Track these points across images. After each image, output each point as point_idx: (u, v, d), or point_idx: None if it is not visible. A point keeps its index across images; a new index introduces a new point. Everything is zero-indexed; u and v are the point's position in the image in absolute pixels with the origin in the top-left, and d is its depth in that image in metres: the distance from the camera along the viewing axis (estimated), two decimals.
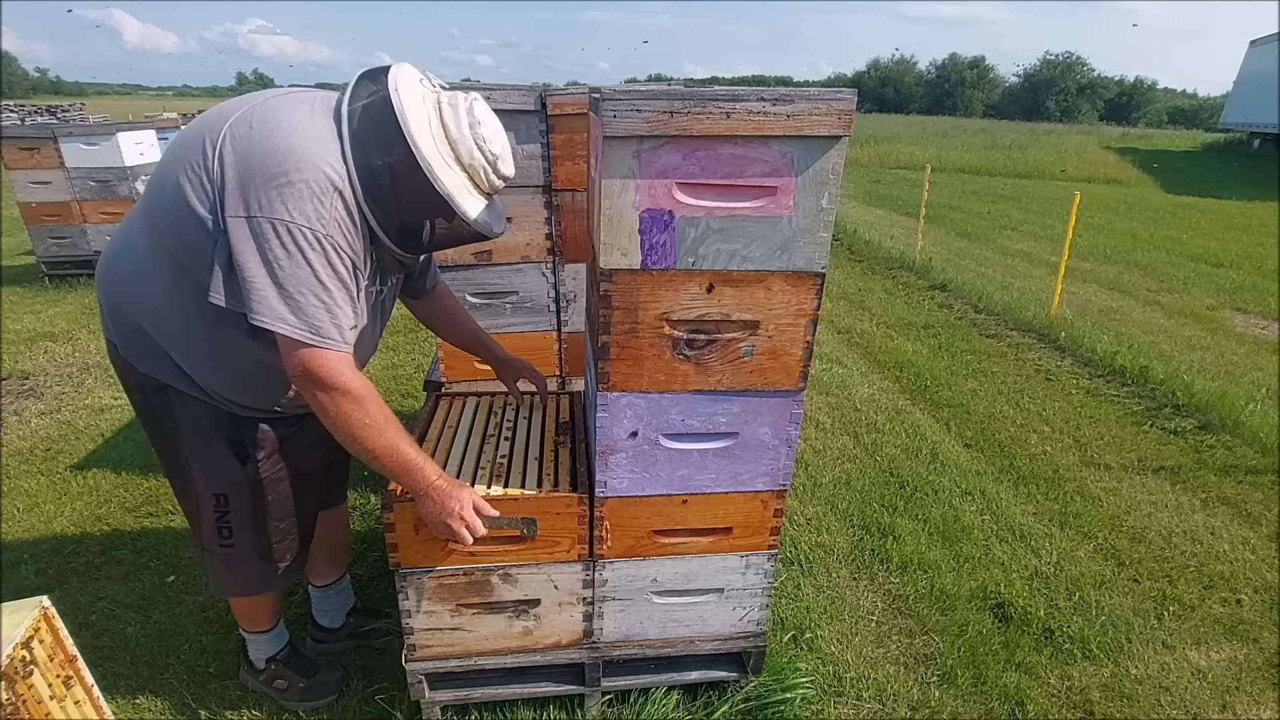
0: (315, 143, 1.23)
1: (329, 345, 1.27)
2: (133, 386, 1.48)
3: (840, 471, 3.12)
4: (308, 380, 1.28)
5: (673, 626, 1.73)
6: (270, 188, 1.19)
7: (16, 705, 1.15)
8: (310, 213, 1.20)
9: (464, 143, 1.29)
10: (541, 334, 2.31)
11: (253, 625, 1.80)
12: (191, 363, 1.40)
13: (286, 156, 1.20)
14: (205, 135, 1.26)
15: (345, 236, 1.25)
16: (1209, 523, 2.84)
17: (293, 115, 1.26)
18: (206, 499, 1.52)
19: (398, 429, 1.36)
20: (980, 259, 7.54)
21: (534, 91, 1.99)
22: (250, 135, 1.23)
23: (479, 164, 1.32)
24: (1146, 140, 26.29)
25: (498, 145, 1.33)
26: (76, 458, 3.10)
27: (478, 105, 1.32)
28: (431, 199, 1.28)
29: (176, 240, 1.29)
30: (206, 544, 1.58)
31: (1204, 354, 4.84)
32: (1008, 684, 2.01)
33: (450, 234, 1.38)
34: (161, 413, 1.47)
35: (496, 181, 1.37)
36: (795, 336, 1.42)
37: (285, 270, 1.21)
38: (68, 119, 9.34)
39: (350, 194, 1.25)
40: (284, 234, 1.20)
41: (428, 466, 1.39)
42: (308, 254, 1.21)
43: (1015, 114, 53.06)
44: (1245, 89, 22.86)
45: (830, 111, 1.23)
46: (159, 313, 1.37)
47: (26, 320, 4.89)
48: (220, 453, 1.49)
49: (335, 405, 1.29)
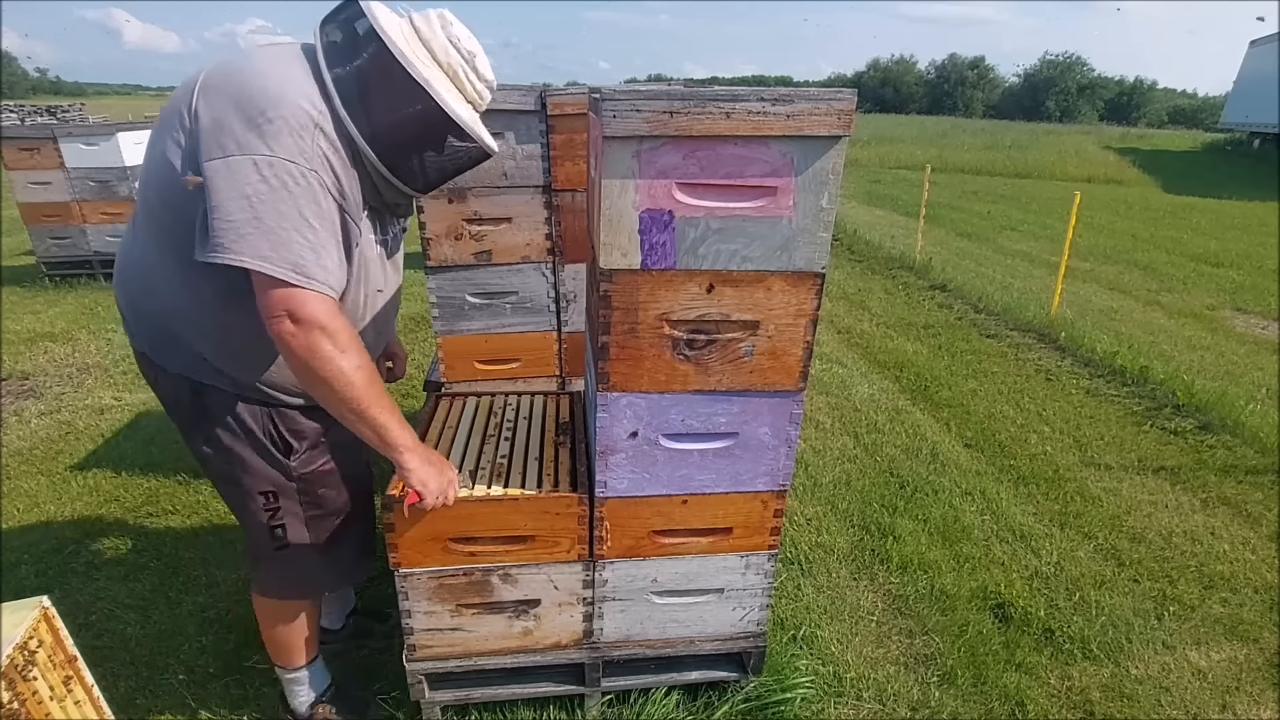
0: (291, 84, 1.19)
1: (312, 285, 1.18)
2: (169, 397, 1.43)
3: (840, 471, 3.12)
4: (286, 323, 1.17)
5: (673, 626, 1.73)
6: (248, 128, 1.14)
7: (16, 705, 1.15)
8: (291, 147, 1.15)
9: (436, 40, 1.27)
10: (541, 334, 2.31)
11: (294, 657, 1.68)
12: (217, 352, 1.35)
13: (262, 96, 1.16)
14: (180, 103, 1.22)
15: (331, 173, 1.20)
16: (1209, 523, 2.84)
17: (267, 60, 1.23)
18: (256, 500, 1.47)
19: (381, 389, 1.31)
20: (980, 259, 7.54)
21: (534, 91, 1.99)
22: (223, 85, 1.19)
23: (456, 63, 1.28)
24: (1147, 140, 26.27)
25: (472, 44, 1.30)
26: (76, 458, 3.10)
27: (447, 13, 1.30)
28: (415, 100, 1.23)
29: (171, 215, 1.24)
30: (260, 551, 1.52)
31: (1204, 354, 4.84)
32: (1008, 684, 2.01)
33: (448, 155, 1.32)
34: (200, 418, 1.41)
35: (479, 85, 1.33)
36: (795, 336, 1.42)
37: (265, 203, 1.13)
38: (68, 119, 9.33)
39: (333, 129, 1.20)
40: (265, 168, 1.13)
41: (408, 429, 1.38)
42: (290, 187, 1.15)
43: (1015, 114, 53.04)
44: (1245, 89, 22.85)
45: (830, 111, 1.23)
46: (173, 301, 1.32)
47: (26, 320, 4.89)
48: (262, 448, 1.44)
49: (317, 349, 1.19)
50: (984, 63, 67.30)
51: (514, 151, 2.04)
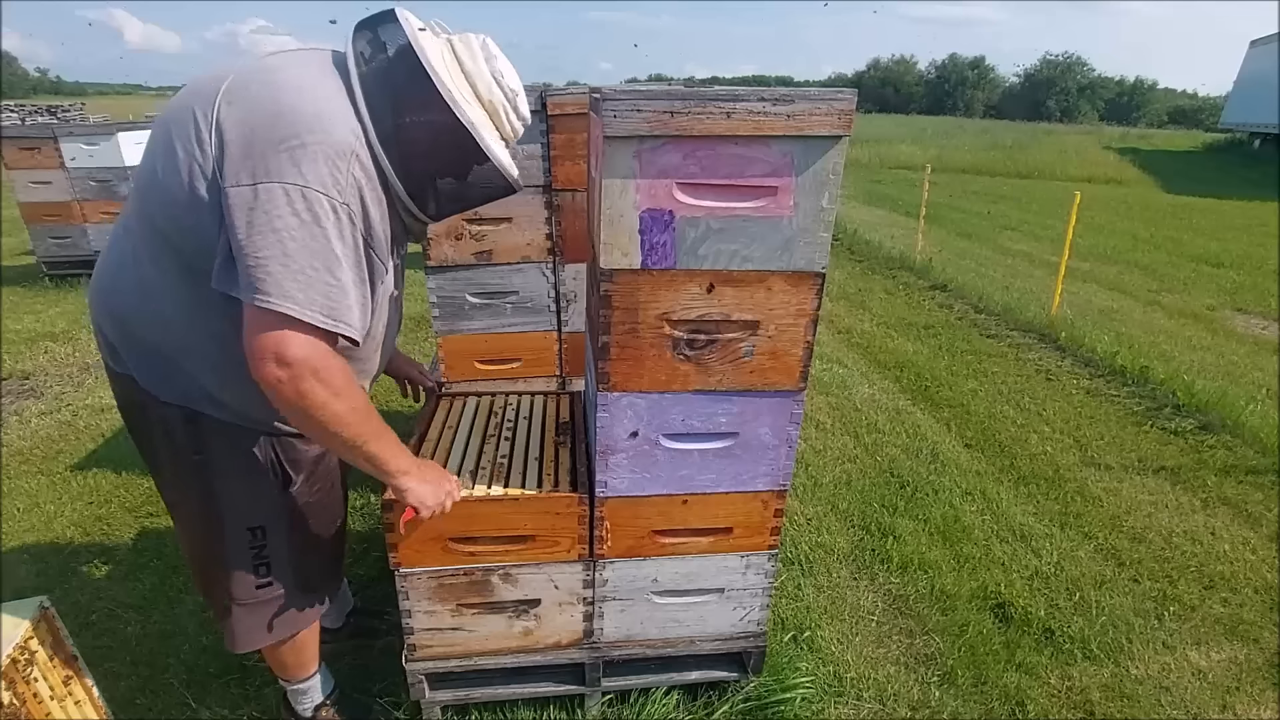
0: (327, 102, 1.10)
1: (341, 329, 1.11)
2: (153, 422, 1.31)
3: (841, 471, 3.12)
4: (272, 367, 1.07)
5: (673, 626, 1.73)
6: (279, 151, 1.05)
7: (17, 705, 1.15)
8: (326, 177, 1.06)
9: (481, 77, 1.20)
10: (541, 334, 2.31)
11: (300, 671, 1.63)
12: (224, 383, 1.25)
13: (297, 118, 1.06)
14: (195, 106, 1.11)
15: (360, 205, 1.12)
16: (1209, 523, 2.84)
17: (299, 74, 1.13)
18: (239, 538, 1.37)
19: (376, 422, 1.26)
20: (980, 259, 7.54)
21: (534, 92, 1.99)
22: (251, 97, 1.09)
23: (499, 101, 1.22)
24: (1147, 140, 26.28)
25: (515, 81, 1.24)
26: (76, 458, 3.10)
27: (490, 42, 1.23)
28: (455, 139, 1.16)
29: (182, 238, 1.15)
30: (236, 594, 1.41)
31: (1204, 354, 4.84)
32: (1008, 684, 2.01)
33: (474, 187, 1.25)
34: (187, 447, 1.30)
35: (516, 123, 1.28)
36: (795, 336, 1.42)
37: (297, 240, 1.04)
38: (68, 119, 9.34)
39: (368, 154, 1.12)
40: (297, 199, 1.04)
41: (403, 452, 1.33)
42: (324, 222, 1.06)
43: (1016, 114, 53.09)
44: (1245, 89, 22.84)
45: (830, 111, 1.23)
46: (180, 332, 1.22)
47: (27, 320, 4.89)
48: (259, 480, 1.35)
49: (309, 395, 1.11)
50: (984, 63, 67.46)
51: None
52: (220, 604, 1.44)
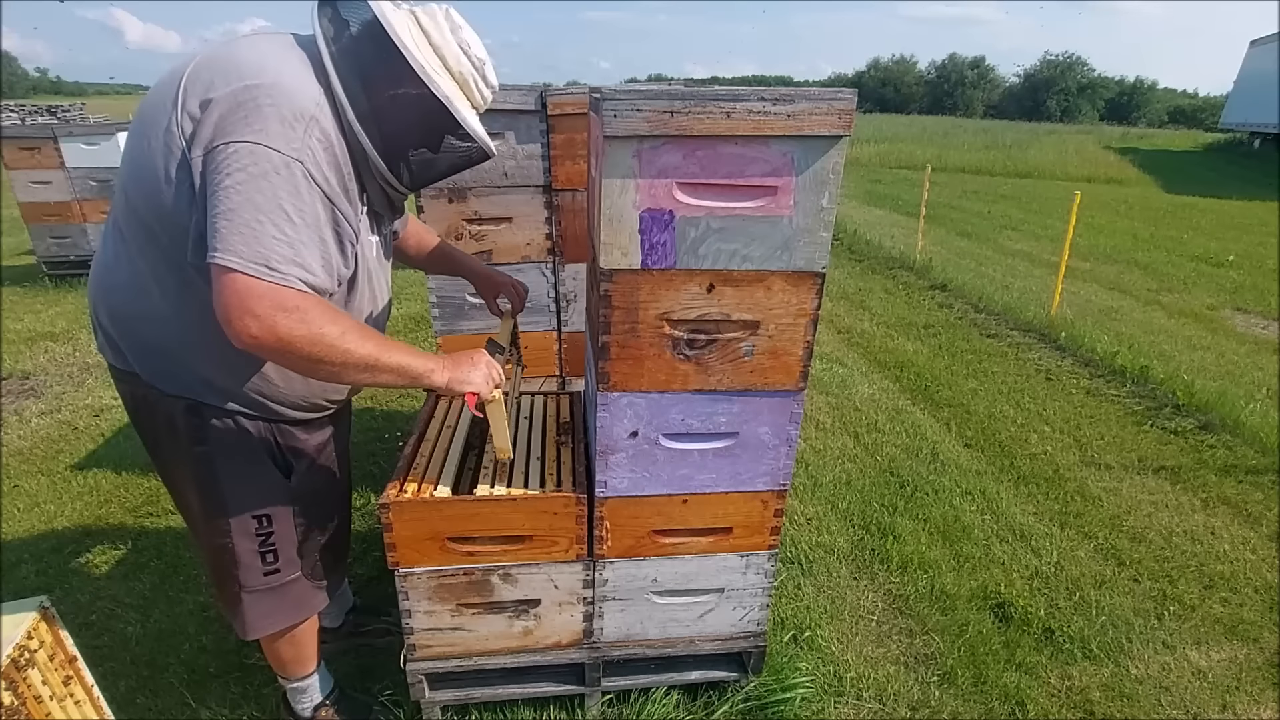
0: (290, 76, 1.12)
1: (290, 281, 1.08)
2: (157, 415, 1.32)
3: (840, 471, 3.12)
4: (247, 322, 1.05)
5: (673, 626, 1.73)
6: (235, 116, 1.07)
7: (17, 705, 1.15)
8: (277, 135, 1.07)
9: (449, 48, 1.23)
10: (542, 334, 2.31)
11: (299, 669, 1.65)
12: (219, 366, 1.26)
13: (257, 88, 1.08)
14: (164, 93, 1.14)
15: (320, 168, 1.12)
16: (1209, 523, 2.84)
17: (261, 50, 1.16)
18: (244, 527, 1.40)
19: (379, 339, 1.23)
20: (980, 259, 7.54)
21: (534, 91, 1.99)
22: (214, 76, 1.11)
23: (468, 71, 1.26)
24: (1147, 140, 26.29)
25: (480, 50, 1.27)
26: (76, 458, 3.10)
27: (454, 12, 1.25)
28: (427, 110, 1.20)
29: (163, 229, 1.16)
30: (245, 582, 1.44)
31: (1204, 354, 4.84)
32: (1008, 684, 2.01)
33: (446, 157, 1.28)
34: (191, 439, 1.32)
35: (486, 91, 1.31)
36: (795, 336, 1.42)
37: (242, 194, 1.05)
38: (68, 119, 9.34)
39: (332, 122, 1.14)
40: (245, 155, 1.05)
41: (423, 354, 1.31)
42: (271, 177, 1.06)
43: (1016, 114, 53.06)
44: (1245, 89, 22.85)
45: (830, 111, 1.23)
46: (172, 322, 1.23)
47: (27, 320, 4.89)
48: (261, 469, 1.38)
49: (292, 332, 1.07)
50: (984, 63, 67.40)
51: (514, 151, 2.04)
52: (231, 592, 1.47)
